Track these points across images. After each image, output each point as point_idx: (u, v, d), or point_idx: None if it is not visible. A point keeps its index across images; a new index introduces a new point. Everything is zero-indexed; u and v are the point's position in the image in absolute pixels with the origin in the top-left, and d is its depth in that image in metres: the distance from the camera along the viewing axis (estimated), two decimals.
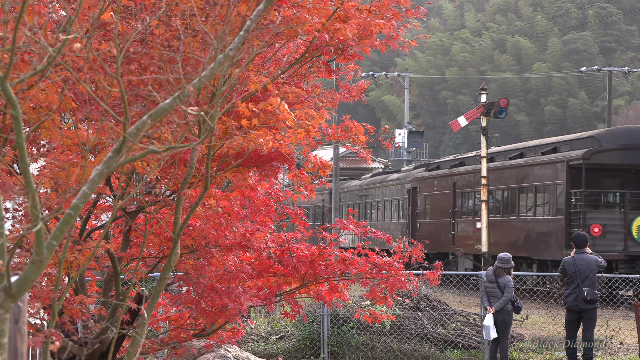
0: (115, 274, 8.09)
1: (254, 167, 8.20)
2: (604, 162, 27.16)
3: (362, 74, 54.63)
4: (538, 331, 19.07)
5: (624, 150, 27.19)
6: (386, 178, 44.42)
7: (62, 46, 4.60)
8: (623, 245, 26.54)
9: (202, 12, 6.37)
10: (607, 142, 27.43)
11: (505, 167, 31.86)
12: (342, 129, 8.29)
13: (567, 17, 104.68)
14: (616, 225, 26.82)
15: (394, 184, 41.98)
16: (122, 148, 4.60)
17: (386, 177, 45.01)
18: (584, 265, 15.29)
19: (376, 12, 7.36)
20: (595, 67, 60.01)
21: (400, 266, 9.28)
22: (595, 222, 26.52)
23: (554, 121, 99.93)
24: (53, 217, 5.39)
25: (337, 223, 9.24)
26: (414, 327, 16.43)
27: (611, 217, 27.05)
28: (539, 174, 29.41)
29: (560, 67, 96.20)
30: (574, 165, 27.24)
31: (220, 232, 8.25)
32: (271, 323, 17.12)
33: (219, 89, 5.62)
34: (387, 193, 42.52)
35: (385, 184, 43.13)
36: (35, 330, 7.10)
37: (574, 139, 29.72)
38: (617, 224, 26.84)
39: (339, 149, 37.57)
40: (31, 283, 4.33)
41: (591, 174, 26.86)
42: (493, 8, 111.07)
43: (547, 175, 28.64)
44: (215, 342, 9.72)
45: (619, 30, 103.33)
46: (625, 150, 27.17)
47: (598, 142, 27.65)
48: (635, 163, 27.39)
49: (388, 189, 42.53)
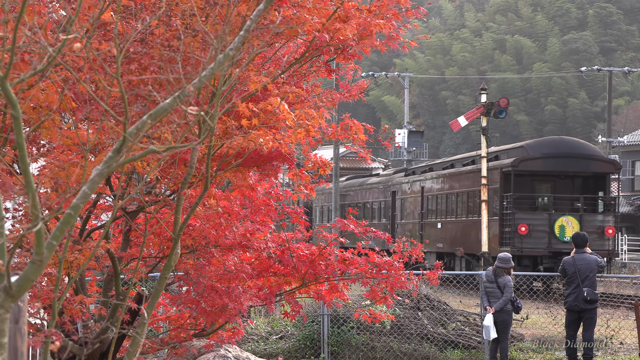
0: (115, 273, 8.09)
1: (254, 166, 8.20)
2: (530, 169, 30.82)
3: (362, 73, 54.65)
4: (538, 331, 19.08)
5: (548, 158, 30.75)
6: (365, 181, 47.23)
7: (62, 46, 4.60)
8: (547, 243, 29.85)
9: (202, 12, 6.37)
10: (533, 152, 31.09)
11: (456, 174, 35.78)
12: (341, 128, 8.29)
13: (567, 17, 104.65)
14: (541, 225, 30.05)
15: (377, 187, 44.92)
16: (122, 148, 4.60)
17: (365, 180, 47.77)
18: (583, 266, 15.29)
19: (376, 12, 7.36)
20: (595, 67, 60.02)
21: (401, 266, 9.29)
22: (522, 222, 29.85)
23: (554, 121, 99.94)
24: (53, 217, 5.39)
25: (337, 222, 9.25)
26: (414, 327, 16.44)
27: (536, 217, 30.27)
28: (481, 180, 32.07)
29: (561, 67, 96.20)
30: (505, 171, 30.71)
31: (220, 232, 8.25)
32: (271, 323, 17.13)
33: (219, 89, 5.62)
34: (369, 196, 45.76)
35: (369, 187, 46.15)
36: (36, 330, 7.10)
37: (510, 148, 33.75)
38: (542, 224, 30.08)
39: (339, 149, 37.60)
40: (31, 283, 4.33)
41: (519, 179, 30.48)
42: (493, 8, 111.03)
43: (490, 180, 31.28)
44: (216, 342, 9.72)
45: (619, 30, 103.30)
46: (549, 159, 30.72)
47: (526, 151, 31.31)
48: (557, 170, 31.04)
49: (371, 192, 45.62)
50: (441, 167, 38.67)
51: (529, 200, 31.15)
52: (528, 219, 30.09)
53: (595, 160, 31.36)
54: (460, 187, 35.16)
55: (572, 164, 30.90)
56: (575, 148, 31.47)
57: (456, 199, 35.38)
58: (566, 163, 30.88)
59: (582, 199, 30.82)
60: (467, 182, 34.52)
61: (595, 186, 31.82)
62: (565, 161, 30.93)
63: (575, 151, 31.21)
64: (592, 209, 31.17)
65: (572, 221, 30.19)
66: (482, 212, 29.78)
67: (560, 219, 30.06)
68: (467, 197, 34.40)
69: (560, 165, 31.02)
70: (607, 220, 30.73)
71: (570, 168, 31.01)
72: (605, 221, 30.69)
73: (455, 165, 36.98)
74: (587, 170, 31.29)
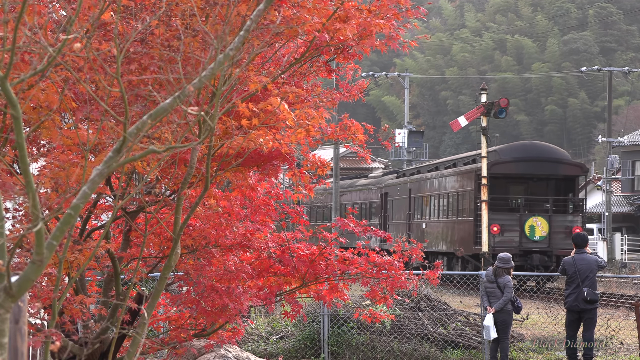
0: (115, 273, 8.09)
1: (254, 166, 8.20)
2: (503, 172, 32.30)
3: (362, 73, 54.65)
4: (538, 331, 19.07)
5: (519, 162, 32.40)
6: (354, 183, 48.79)
7: (63, 46, 4.60)
8: (518, 242, 31.69)
9: (202, 12, 6.37)
10: (505, 156, 32.79)
11: (437, 177, 37.60)
12: (340, 128, 8.29)
13: (567, 17, 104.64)
14: (512, 225, 31.97)
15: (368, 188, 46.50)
16: (122, 148, 4.61)
17: (354, 181, 49.27)
18: (584, 266, 15.28)
19: (376, 12, 7.36)
20: (595, 67, 59.99)
21: (401, 265, 9.28)
22: (495, 223, 31.16)
23: (554, 121, 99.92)
24: (53, 217, 5.39)
25: (338, 222, 9.25)
26: (414, 327, 16.44)
27: (508, 218, 32.07)
28: (459, 182, 34.98)
29: (561, 67, 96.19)
30: (479, 174, 31.40)
31: (220, 232, 8.24)
32: (271, 323, 17.13)
33: (219, 89, 5.62)
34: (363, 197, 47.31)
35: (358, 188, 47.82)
36: (36, 330, 7.10)
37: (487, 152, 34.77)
38: (513, 224, 31.98)
39: (339, 149, 37.63)
40: (31, 283, 4.33)
41: (492, 182, 31.15)
42: (493, 8, 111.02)
43: (467, 182, 34.07)
44: (216, 342, 9.72)
45: (619, 30, 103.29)
46: (520, 162, 32.36)
47: (499, 155, 32.81)
48: (528, 173, 32.76)
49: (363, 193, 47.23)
50: (427, 169, 40.37)
51: (501, 202, 32.65)
52: (500, 219, 31.64)
53: (564, 164, 32.91)
54: (441, 189, 36.85)
55: (542, 167, 32.35)
56: (545, 152, 32.96)
57: (438, 200, 37.19)
58: (536, 166, 32.33)
59: (551, 200, 32.52)
60: (448, 185, 36.23)
61: (566, 188, 33.40)
62: (535, 164, 32.38)
63: (545, 155, 32.69)
64: (562, 209, 32.81)
65: (542, 221, 31.79)
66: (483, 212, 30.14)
67: (530, 219, 31.60)
68: (447, 198, 36.25)
69: (531, 168, 32.56)
70: (575, 221, 32.32)
71: (540, 171, 32.44)
72: (574, 221, 32.28)
73: (439, 168, 38.55)
74: (557, 173, 32.86)
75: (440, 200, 37.00)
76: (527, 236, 31.79)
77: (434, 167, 39.73)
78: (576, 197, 33.50)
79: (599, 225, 59.27)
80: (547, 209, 32.43)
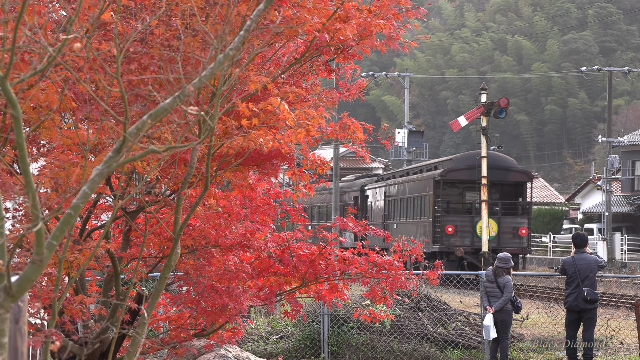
0: (115, 273, 8.08)
1: (254, 166, 8.19)
2: (457, 179, 36.44)
3: (362, 73, 54.68)
4: (538, 331, 19.07)
5: (471, 169, 35.33)
6: None
7: (62, 46, 4.60)
8: (470, 241, 35.45)
9: (202, 11, 6.37)
10: (459, 164, 36.82)
11: (404, 182, 41.48)
12: (340, 127, 8.29)
13: (567, 17, 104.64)
14: (465, 226, 35.74)
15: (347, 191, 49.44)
16: (122, 148, 4.61)
17: None
18: (583, 265, 15.27)
19: (376, 12, 7.36)
20: (595, 67, 59.98)
21: (401, 265, 9.28)
22: (449, 223, 35.47)
23: (554, 121, 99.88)
24: (53, 216, 5.39)
25: (337, 221, 9.25)
26: (414, 327, 16.44)
27: (461, 219, 35.95)
28: (421, 187, 38.84)
29: (560, 67, 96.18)
30: (437, 180, 36.55)
31: (220, 232, 8.24)
32: (271, 323, 17.12)
33: (219, 89, 5.62)
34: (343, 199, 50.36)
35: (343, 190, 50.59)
36: (36, 330, 7.10)
37: (444, 160, 40.31)
38: (466, 225, 35.73)
39: (339, 149, 37.65)
40: (31, 283, 4.33)
41: (447, 187, 36.31)
42: (493, 8, 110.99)
43: (426, 187, 38.00)
44: (216, 342, 9.72)
45: (619, 30, 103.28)
46: (472, 170, 34.99)
47: (454, 163, 37.17)
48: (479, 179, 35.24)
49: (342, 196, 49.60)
50: (399, 175, 44.33)
51: (456, 205, 36.64)
52: (454, 220, 35.74)
53: (512, 171, 36.88)
54: (409, 192, 40.39)
55: (492, 174, 34.95)
56: (496, 160, 36.26)
57: (406, 203, 40.82)
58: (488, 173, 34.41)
59: (500, 204, 36.20)
60: (414, 189, 39.86)
61: (515, 193, 37.22)
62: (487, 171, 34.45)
63: (496, 163, 35.85)
64: (510, 212, 36.54)
65: (492, 223, 34.99)
66: (483, 212, 30.74)
67: (481, 220, 33.86)
68: (413, 201, 39.84)
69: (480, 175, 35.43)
70: (521, 222, 36.22)
71: (491, 177, 34.84)
72: (521, 223, 36.16)
73: (410, 174, 42.55)
74: (507, 180, 36.68)
75: (407, 203, 40.64)
76: (478, 236, 34.73)
77: (405, 173, 43.64)
78: (524, 201, 37.01)
79: (599, 225, 59.26)
80: (497, 211, 35.95)
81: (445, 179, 36.39)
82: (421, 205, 38.56)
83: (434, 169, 38.38)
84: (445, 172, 36.34)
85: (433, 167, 39.18)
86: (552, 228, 65.60)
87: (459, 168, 36.40)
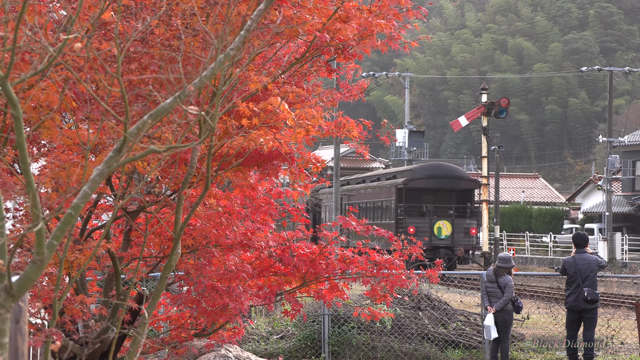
0: (116, 273, 8.09)
1: (255, 166, 8.20)
2: (416, 187, 42.33)
3: (363, 73, 54.65)
4: (539, 331, 19.08)
5: (429, 178, 42.38)
6: None
7: (63, 46, 4.60)
8: (429, 240, 40.60)
9: (202, 11, 6.37)
10: (419, 173, 42.94)
11: (369, 187, 46.98)
12: (335, 125, 8.30)
13: (567, 17, 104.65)
14: (424, 227, 41.49)
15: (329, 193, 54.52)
16: (122, 148, 4.61)
17: None
18: (584, 265, 15.26)
19: (377, 13, 7.36)
20: (595, 67, 59.94)
21: (401, 264, 9.28)
22: (411, 225, 41.03)
23: (554, 121, 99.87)
24: (54, 216, 5.40)
25: (339, 220, 9.26)
26: (414, 326, 16.44)
27: (421, 221, 41.74)
28: (385, 193, 44.39)
29: (561, 67, 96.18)
30: (399, 187, 42.56)
31: (220, 232, 8.24)
32: (272, 323, 17.13)
33: (219, 89, 5.62)
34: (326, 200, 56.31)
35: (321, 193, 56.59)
36: (36, 330, 7.10)
37: (404, 170, 45.86)
38: (425, 226, 41.56)
39: (339, 149, 37.64)
40: (32, 283, 4.33)
41: (409, 194, 42.18)
42: (493, 8, 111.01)
43: (390, 194, 43.67)
44: (216, 342, 9.72)
45: (619, 30, 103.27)
46: (430, 179, 42.33)
47: (414, 173, 43.09)
48: (436, 187, 42.25)
49: None
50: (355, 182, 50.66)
51: (416, 209, 42.25)
52: (415, 222, 41.49)
53: (463, 180, 43.29)
54: (375, 197, 45.79)
55: (447, 182, 42.27)
56: (449, 171, 43.30)
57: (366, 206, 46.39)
58: (443, 182, 42.15)
59: (453, 207, 41.91)
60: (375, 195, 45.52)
61: (465, 199, 42.95)
62: (442, 180, 42.20)
63: (449, 173, 42.91)
64: (462, 215, 42.21)
65: (446, 224, 41.40)
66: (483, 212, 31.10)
67: (438, 222, 41.18)
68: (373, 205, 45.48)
69: (438, 183, 42.33)
70: (471, 223, 42.06)
71: (445, 185, 42.22)
72: (471, 223, 42.03)
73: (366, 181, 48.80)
74: (458, 187, 42.71)
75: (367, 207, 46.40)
76: (436, 235, 41.16)
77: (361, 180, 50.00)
78: (472, 205, 42.83)
79: (600, 225, 59.25)
80: (451, 214, 41.83)
81: (407, 186, 42.41)
82: (386, 209, 44.40)
83: (393, 178, 44.51)
84: (407, 180, 42.50)
85: (392, 176, 45.42)
86: (553, 228, 65.60)
87: (419, 177, 42.52)
